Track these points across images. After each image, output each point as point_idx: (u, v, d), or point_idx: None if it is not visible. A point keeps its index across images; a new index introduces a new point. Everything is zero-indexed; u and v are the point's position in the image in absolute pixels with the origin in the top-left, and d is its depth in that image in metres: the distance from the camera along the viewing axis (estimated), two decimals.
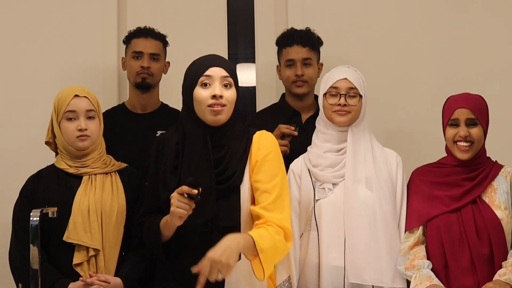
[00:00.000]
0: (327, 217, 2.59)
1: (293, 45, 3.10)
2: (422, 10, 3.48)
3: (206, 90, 2.37)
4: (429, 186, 2.64)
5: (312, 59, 3.10)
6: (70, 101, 2.62)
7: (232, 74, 2.41)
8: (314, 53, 3.13)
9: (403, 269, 2.55)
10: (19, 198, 2.66)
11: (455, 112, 2.59)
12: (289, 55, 3.10)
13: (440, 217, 2.56)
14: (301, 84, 3.08)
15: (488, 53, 3.42)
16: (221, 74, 2.38)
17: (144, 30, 3.20)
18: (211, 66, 2.39)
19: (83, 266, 2.55)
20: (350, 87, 2.65)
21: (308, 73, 3.08)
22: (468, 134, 2.57)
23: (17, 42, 3.54)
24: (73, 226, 2.55)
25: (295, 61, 3.08)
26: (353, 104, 2.64)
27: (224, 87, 2.38)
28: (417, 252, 2.57)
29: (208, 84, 2.37)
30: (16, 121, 3.49)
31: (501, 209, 2.56)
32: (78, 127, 2.61)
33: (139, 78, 3.17)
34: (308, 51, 3.10)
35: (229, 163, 2.39)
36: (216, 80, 2.37)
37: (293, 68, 3.09)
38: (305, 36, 3.11)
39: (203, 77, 2.38)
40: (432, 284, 2.47)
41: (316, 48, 3.15)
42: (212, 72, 2.38)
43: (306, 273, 2.62)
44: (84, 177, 2.64)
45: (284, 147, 2.86)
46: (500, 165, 2.66)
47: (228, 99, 2.38)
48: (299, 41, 3.09)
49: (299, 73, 3.07)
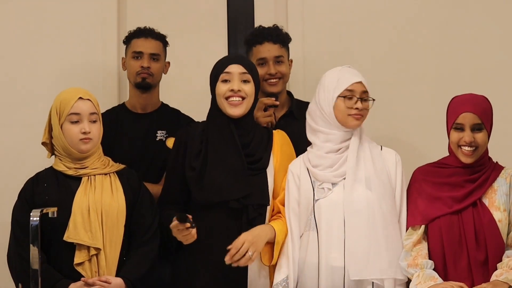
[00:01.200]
0: (327, 217, 2.59)
1: (264, 43, 3.04)
2: (423, 9, 3.48)
3: (226, 85, 2.64)
4: (432, 186, 2.63)
5: (283, 56, 3.06)
6: (74, 103, 2.61)
7: (250, 71, 2.67)
8: (285, 50, 3.08)
9: (405, 266, 2.55)
10: (18, 201, 2.65)
11: (460, 116, 2.56)
12: (260, 53, 3.04)
13: (442, 218, 2.56)
14: (275, 82, 3.03)
15: (489, 53, 3.42)
16: (239, 71, 2.65)
17: (144, 30, 3.20)
18: (230, 63, 2.66)
19: (84, 266, 2.55)
20: (364, 90, 2.64)
21: (281, 70, 3.03)
22: (473, 140, 2.55)
23: (17, 42, 3.53)
24: (73, 225, 2.55)
25: (267, 59, 3.03)
26: (367, 108, 2.65)
27: (243, 82, 2.64)
28: (420, 250, 2.57)
29: (228, 80, 2.64)
30: (16, 121, 3.49)
31: (500, 210, 2.56)
32: (82, 130, 2.60)
33: (139, 78, 3.16)
34: (278, 48, 3.04)
35: (256, 148, 2.67)
36: (235, 76, 2.64)
37: (265, 66, 3.03)
38: (275, 33, 3.05)
39: (224, 74, 2.65)
40: (437, 283, 2.47)
41: (286, 44, 3.09)
42: (231, 69, 2.65)
43: (306, 273, 2.61)
44: (83, 178, 2.63)
45: (269, 117, 2.89)
46: (500, 167, 2.66)
47: (246, 92, 2.64)
48: (269, 38, 3.04)
49: (272, 71, 3.02)
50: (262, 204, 2.63)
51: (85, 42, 3.54)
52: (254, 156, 2.65)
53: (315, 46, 3.49)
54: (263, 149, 2.68)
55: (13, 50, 3.53)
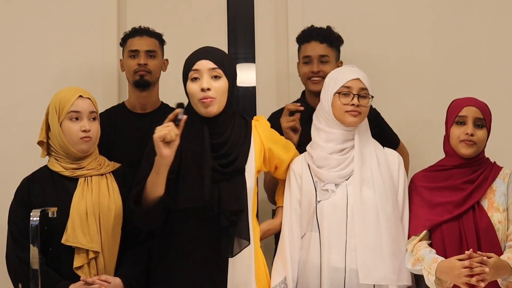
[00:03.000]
0: (329, 218, 2.58)
1: (311, 42, 3.08)
2: (423, 10, 3.49)
3: (196, 83, 2.47)
4: (430, 193, 2.61)
5: (329, 56, 3.07)
6: (75, 101, 2.60)
7: (221, 65, 2.48)
8: (332, 50, 3.09)
9: (411, 266, 2.54)
10: (15, 202, 2.64)
11: (464, 109, 2.57)
12: (306, 51, 3.08)
13: (443, 225, 2.55)
14: (318, 80, 3.03)
15: (489, 55, 3.43)
16: (208, 67, 2.46)
17: (139, 29, 3.21)
18: (198, 59, 2.48)
19: (83, 269, 2.55)
20: (362, 87, 2.62)
21: (325, 69, 3.02)
22: (474, 133, 2.55)
23: (17, 42, 3.54)
24: (71, 229, 2.54)
25: (312, 58, 3.06)
26: (365, 105, 2.62)
27: (214, 78, 2.46)
28: (419, 246, 2.55)
29: (197, 78, 2.47)
30: (15, 121, 3.49)
31: (500, 211, 2.55)
32: (82, 128, 2.59)
33: (137, 76, 3.16)
34: (325, 48, 3.07)
35: (232, 148, 2.50)
36: (204, 73, 2.46)
37: (310, 64, 3.07)
38: (323, 33, 3.09)
39: (192, 72, 2.48)
40: (440, 261, 2.44)
41: (335, 45, 3.12)
42: (199, 66, 2.47)
43: (308, 274, 2.61)
44: (80, 180, 2.62)
45: (292, 122, 2.87)
46: (498, 167, 2.66)
47: (217, 90, 2.46)
48: (316, 37, 3.07)
49: (315, 69, 3.04)
50: (237, 211, 2.46)
51: (85, 42, 3.54)
52: (229, 157, 2.49)
53: None
54: (239, 147, 2.52)
55: (13, 50, 3.53)
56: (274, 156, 2.64)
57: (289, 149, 2.72)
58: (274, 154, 2.63)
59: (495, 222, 2.54)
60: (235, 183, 2.48)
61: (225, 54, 2.60)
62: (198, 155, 2.47)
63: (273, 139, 2.64)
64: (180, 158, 2.46)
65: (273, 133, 2.68)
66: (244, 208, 2.47)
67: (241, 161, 2.50)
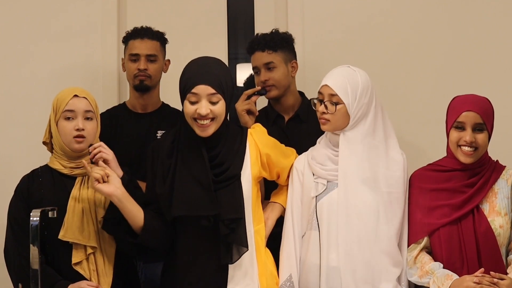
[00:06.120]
0: (328, 217, 2.58)
1: (255, 53, 3.04)
2: (423, 10, 3.48)
3: (193, 106, 2.45)
4: (429, 195, 2.58)
5: (274, 61, 3.01)
6: (69, 100, 2.61)
7: (219, 89, 2.45)
8: (276, 55, 3.02)
9: (418, 279, 2.52)
10: (15, 197, 2.65)
11: (462, 115, 2.51)
12: (253, 63, 3.06)
13: (441, 229, 2.52)
14: (269, 89, 3.02)
15: (489, 53, 3.42)
16: (207, 92, 2.45)
17: (140, 31, 3.19)
18: (198, 83, 2.44)
19: (82, 265, 2.56)
20: (331, 93, 2.58)
21: (273, 76, 3.00)
22: (474, 140, 2.49)
23: (17, 42, 3.54)
24: (68, 224, 2.55)
25: (259, 68, 3.04)
26: (331, 112, 2.57)
27: (212, 103, 2.45)
28: (422, 258, 2.54)
29: (195, 102, 2.45)
30: (15, 121, 3.49)
31: (502, 215, 2.51)
32: (75, 127, 2.59)
33: (137, 80, 3.16)
34: (267, 55, 3.01)
35: (226, 156, 2.50)
36: (203, 98, 2.45)
37: (259, 75, 3.04)
38: (263, 41, 3.03)
39: (190, 94, 2.45)
40: (455, 279, 2.42)
41: (279, 48, 3.03)
42: (198, 90, 2.44)
43: (307, 273, 2.61)
44: (77, 178, 2.63)
45: (247, 105, 2.91)
46: (501, 166, 2.61)
47: (215, 113, 2.46)
48: (257, 47, 3.03)
49: (262, 79, 3.01)
50: (235, 218, 2.47)
51: (85, 42, 3.54)
52: (222, 166, 2.50)
53: (315, 46, 3.48)
54: (234, 155, 2.53)
55: (13, 50, 3.53)
56: (274, 162, 2.63)
57: (289, 155, 2.72)
58: (273, 160, 2.62)
59: (496, 226, 2.49)
60: (232, 190, 2.48)
61: (223, 73, 2.52)
62: (194, 168, 2.48)
63: (270, 145, 2.63)
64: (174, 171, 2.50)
65: (270, 140, 2.66)
66: (242, 216, 2.48)
67: (236, 168, 2.51)
